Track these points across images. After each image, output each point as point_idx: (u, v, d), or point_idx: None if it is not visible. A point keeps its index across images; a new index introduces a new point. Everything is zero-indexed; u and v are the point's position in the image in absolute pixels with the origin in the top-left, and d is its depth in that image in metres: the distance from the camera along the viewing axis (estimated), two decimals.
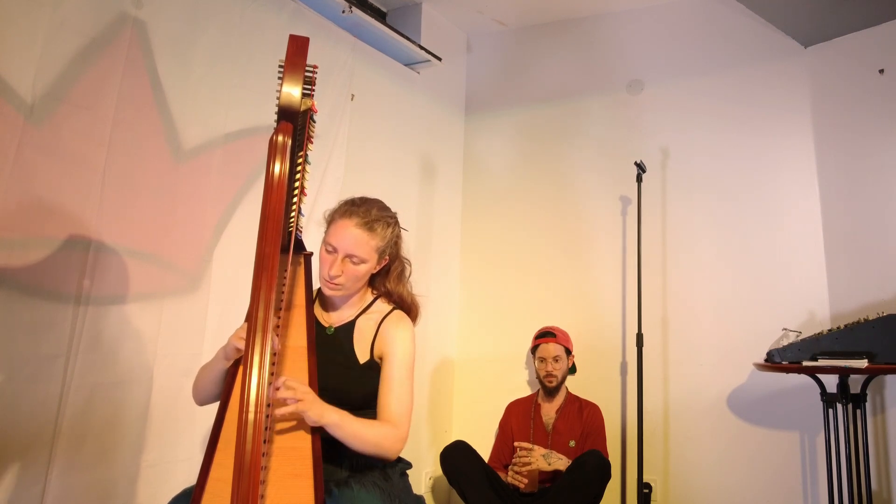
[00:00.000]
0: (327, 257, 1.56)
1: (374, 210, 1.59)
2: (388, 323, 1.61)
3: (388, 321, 1.62)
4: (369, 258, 1.57)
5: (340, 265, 1.54)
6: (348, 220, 1.55)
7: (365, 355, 1.59)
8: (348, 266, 1.55)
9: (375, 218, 1.57)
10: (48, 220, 1.85)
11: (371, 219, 1.56)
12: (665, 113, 3.35)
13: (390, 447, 1.49)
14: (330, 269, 1.53)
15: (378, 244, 1.57)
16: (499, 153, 3.77)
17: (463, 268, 3.73)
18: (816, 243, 2.94)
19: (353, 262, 1.55)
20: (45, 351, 1.82)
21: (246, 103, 2.43)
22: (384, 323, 1.61)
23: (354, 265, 1.55)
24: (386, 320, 1.62)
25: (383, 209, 1.63)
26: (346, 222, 1.55)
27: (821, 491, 2.73)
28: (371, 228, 1.55)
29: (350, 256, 1.54)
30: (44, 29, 1.85)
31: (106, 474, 1.96)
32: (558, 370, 2.96)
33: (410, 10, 3.52)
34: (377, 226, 1.57)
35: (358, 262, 1.55)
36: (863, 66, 2.90)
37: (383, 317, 1.63)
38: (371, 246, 1.56)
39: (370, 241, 1.55)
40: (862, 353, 2.39)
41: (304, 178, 1.40)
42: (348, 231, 1.54)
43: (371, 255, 1.57)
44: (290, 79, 1.19)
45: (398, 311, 1.66)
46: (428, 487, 3.30)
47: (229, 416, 1.33)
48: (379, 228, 1.57)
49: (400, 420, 1.52)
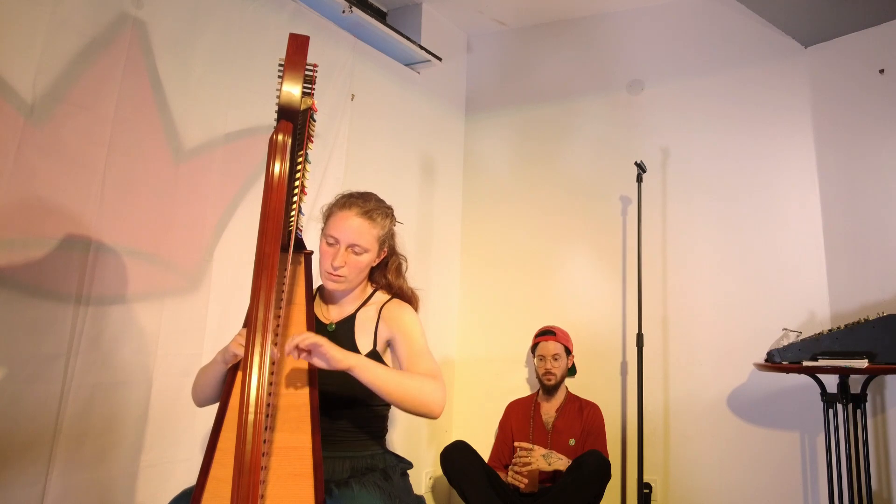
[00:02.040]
0: (329, 250, 1.56)
1: (373, 201, 1.61)
2: (390, 306, 1.63)
3: (390, 305, 1.63)
4: (371, 248, 1.58)
5: (343, 256, 1.54)
6: (348, 210, 1.56)
7: (368, 345, 1.59)
8: (351, 257, 1.55)
9: (374, 207, 1.59)
10: (48, 220, 1.85)
11: (370, 208, 1.58)
12: (665, 113, 3.35)
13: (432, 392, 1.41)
14: (333, 261, 1.54)
15: (379, 233, 1.59)
16: (499, 153, 3.77)
17: (463, 268, 3.73)
18: (816, 243, 2.94)
19: (356, 253, 1.56)
20: (45, 351, 1.82)
21: (246, 103, 2.43)
22: (385, 308, 1.63)
23: (357, 255, 1.56)
24: (386, 306, 1.63)
25: (380, 200, 1.65)
26: (347, 213, 1.56)
27: (821, 491, 2.73)
28: (371, 217, 1.57)
29: (352, 246, 1.55)
30: (44, 29, 1.85)
31: (106, 474, 1.96)
32: (557, 368, 2.96)
33: (410, 10, 3.52)
34: (376, 215, 1.58)
35: (360, 252, 1.56)
36: (863, 66, 2.90)
37: (383, 304, 1.64)
38: (372, 235, 1.57)
39: (371, 229, 1.57)
40: (862, 353, 2.39)
41: (304, 178, 1.40)
42: (349, 221, 1.55)
43: (372, 245, 1.58)
44: (290, 77, 1.19)
45: (397, 298, 1.67)
46: (428, 487, 3.30)
47: (229, 416, 1.32)
48: (378, 218, 1.59)
49: (436, 374, 1.46)
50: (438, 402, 1.42)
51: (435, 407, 1.42)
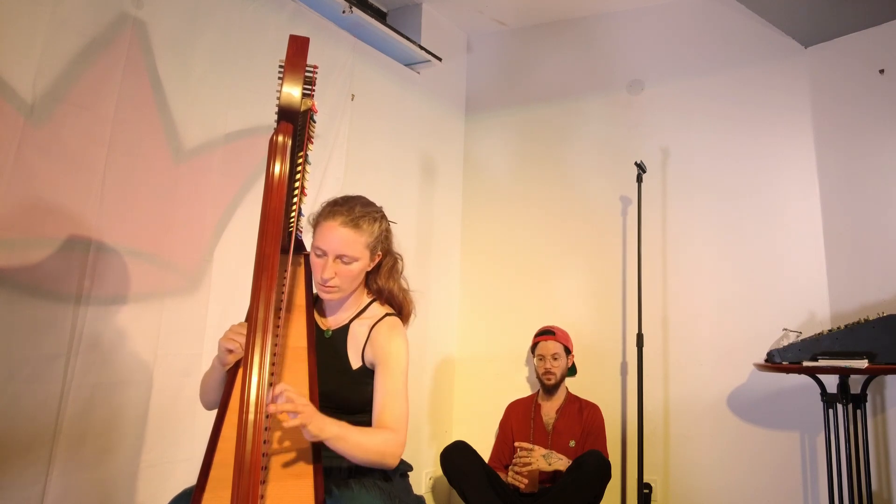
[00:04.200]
0: (318, 261, 1.53)
1: (358, 207, 1.56)
2: (380, 329, 1.59)
3: (380, 327, 1.59)
4: (360, 256, 1.55)
5: (332, 267, 1.52)
6: (332, 220, 1.53)
7: (357, 361, 1.57)
8: (340, 267, 1.53)
9: (360, 215, 1.55)
10: (48, 220, 1.85)
11: (355, 216, 1.54)
12: (665, 113, 3.35)
13: (392, 453, 1.46)
14: (322, 273, 1.51)
15: (367, 241, 1.55)
16: (499, 153, 3.77)
17: (463, 268, 3.73)
18: (816, 243, 2.94)
19: (345, 262, 1.53)
20: (45, 351, 1.82)
21: (246, 103, 2.43)
22: (375, 329, 1.59)
23: (346, 265, 1.53)
24: (377, 326, 1.59)
25: (367, 205, 1.60)
26: (331, 223, 1.53)
27: (821, 491, 2.73)
28: (357, 226, 1.53)
29: (340, 257, 1.52)
30: (44, 29, 1.85)
31: (106, 474, 1.96)
32: (557, 368, 2.96)
33: (410, 10, 3.52)
34: (363, 222, 1.54)
35: (349, 262, 1.53)
36: (863, 66, 2.90)
37: (375, 322, 1.60)
38: (360, 243, 1.54)
39: (358, 238, 1.53)
40: (862, 354, 2.39)
41: (304, 178, 1.40)
42: (334, 232, 1.52)
43: (362, 253, 1.55)
44: (290, 79, 1.19)
45: (390, 317, 1.63)
46: (428, 487, 3.30)
47: (229, 416, 1.32)
48: (365, 225, 1.55)
49: (398, 425, 1.48)
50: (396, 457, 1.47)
51: (393, 461, 1.47)
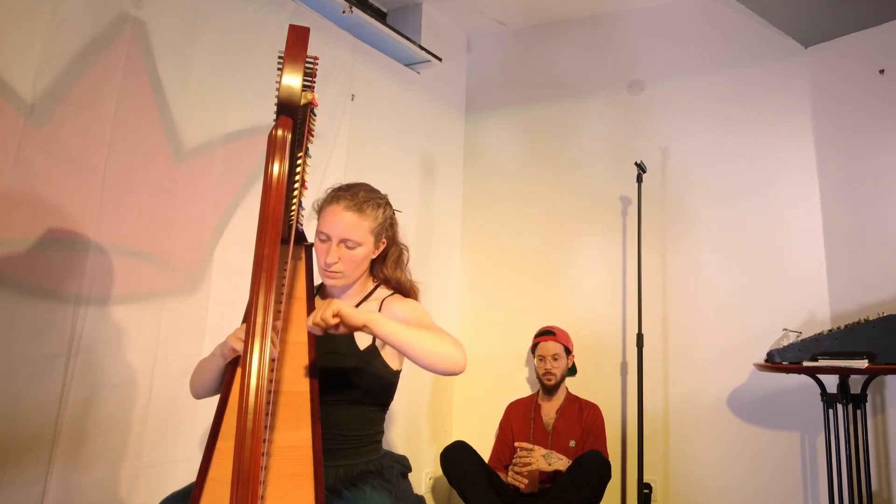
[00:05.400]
0: (322, 246, 1.54)
1: (362, 192, 1.57)
2: (392, 300, 1.61)
3: (391, 299, 1.61)
4: (364, 241, 1.55)
5: (336, 252, 1.52)
6: (336, 205, 1.53)
7: (367, 339, 1.56)
8: (344, 252, 1.53)
9: (364, 199, 1.55)
10: (48, 220, 1.85)
11: (359, 200, 1.54)
12: (665, 113, 3.35)
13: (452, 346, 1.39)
14: (326, 257, 1.52)
15: (371, 225, 1.55)
16: (499, 153, 3.77)
17: (463, 268, 3.73)
18: (816, 243, 2.94)
19: (349, 247, 1.53)
20: (45, 351, 1.82)
21: (246, 103, 2.43)
22: (386, 302, 1.60)
23: (350, 250, 1.53)
24: (388, 300, 1.61)
25: (371, 191, 1.61)
26: (335, 207, 1.53)
27: (821, 491, 2.73)
28: (360, 210, 1.54)
29: (344, 241, 1.53)
30: (44, 29, 1.85)
31: (106, 474, 1.96)
32: (557, 368, 2.96)
33: (410, 10, 3.52)
34: (366, 207, 1.55)
35: (353, 247, 1.54)
36: (863, 67, 2.90)
37: (384, 298, 1.61)
38: (364, 228, 1.54)
39: (362, 222, 1.54)
40: (862, 354, 2.39)
41: (304, 172, 1.38)
42: (338, 216, 1.52)
43: (366, 238, 1.55)
44: (289, 70, 1.15)
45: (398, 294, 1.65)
46: (428, 487, 3.30)
47: (228, 416, 1.31)
48: (369, 209, 1.55)
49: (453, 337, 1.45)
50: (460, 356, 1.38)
51: (458, 358, 1.38)
